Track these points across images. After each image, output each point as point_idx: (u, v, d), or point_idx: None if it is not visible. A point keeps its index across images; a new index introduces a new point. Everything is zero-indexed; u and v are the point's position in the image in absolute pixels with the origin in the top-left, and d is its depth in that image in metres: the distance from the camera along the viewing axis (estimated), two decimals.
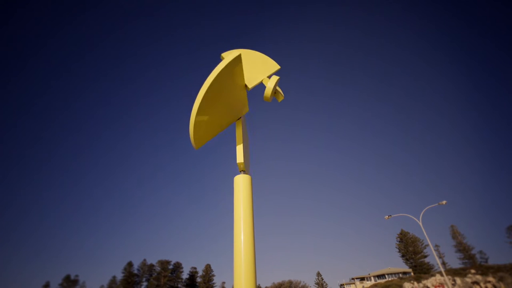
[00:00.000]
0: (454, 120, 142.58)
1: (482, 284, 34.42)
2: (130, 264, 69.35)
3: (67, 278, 67.48)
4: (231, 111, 1.45)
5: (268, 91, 1.43)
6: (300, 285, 78.68)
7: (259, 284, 69.01)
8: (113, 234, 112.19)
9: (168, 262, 71.39)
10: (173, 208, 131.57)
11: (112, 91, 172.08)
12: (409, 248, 59.28)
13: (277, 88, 1.50)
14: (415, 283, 39.97)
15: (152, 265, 71.02)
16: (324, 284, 73.86)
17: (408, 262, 58.84)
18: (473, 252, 53.20)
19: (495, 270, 37.32)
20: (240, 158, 1.38)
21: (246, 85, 1.48)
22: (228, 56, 1.21)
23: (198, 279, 73.13)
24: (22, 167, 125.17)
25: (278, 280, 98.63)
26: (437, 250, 57.11)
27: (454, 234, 56.76)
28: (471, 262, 51.18)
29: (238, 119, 1.54)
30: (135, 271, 69.30)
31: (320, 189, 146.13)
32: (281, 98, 1.54)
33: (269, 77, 1.51)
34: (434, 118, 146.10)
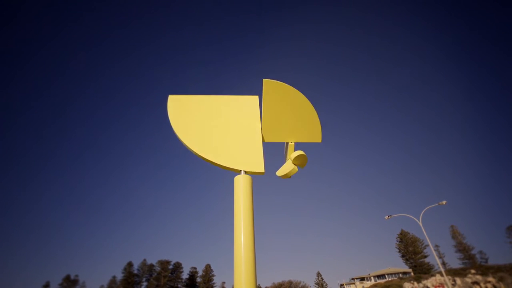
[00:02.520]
0: (454, 120, 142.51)
1: (482, 284, 34.40)
2: (130, 264, 69.32)
3: (67, 278, 67.48)
4: (273, 128, 1.56)
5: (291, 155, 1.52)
6: (300, 285, 78.65)
7: (259, 284, 68.96)
8: (113, 234, 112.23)
9: (168, 262, 71.35)
10: (173, 208, 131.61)
11: (112, 90, 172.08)
12: (409, 248, 59.23)
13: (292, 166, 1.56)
14: (415, 283, 39.96)
15: (152, 265, 70.99)
16: (324, 284, 73.83)
17: (408, 262, 58.80)
18: (473, 252, 53.18)
19: (495, 270, 37.28)
20: (263, 167, 1.41)
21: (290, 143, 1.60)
22: (319, 128, 1.58)
23: (198, 279, 73.10)
24: (22, 166, 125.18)
25: (278, 280, 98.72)
26: (437, 250, 57.12)
27: (454, 234, 56.72)
28: (471, 262, 51.12)
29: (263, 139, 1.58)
30: (135, 271, 69.29)
31: (320, 189, 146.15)
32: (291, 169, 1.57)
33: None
34: (434, 118, 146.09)
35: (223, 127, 1.56)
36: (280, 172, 1.53)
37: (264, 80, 1.50)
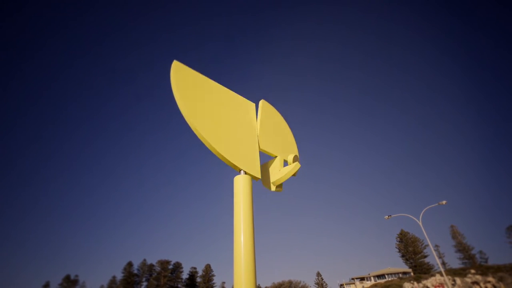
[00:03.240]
0: (454, 120, 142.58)
1: (482, 284, 34.41)
2: (130, 264, 69.32)
3: (67, 278, 67.47)
4: (266, 140, 1.62)
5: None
6: (300, 285, 78.66)
7: (259, 284, 68.92)
8: (113, 234, 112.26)
9: (168, 262, 71.34)
10: (173, 208, 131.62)
11: (113, 90, 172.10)
12: (409, 248, 59.26)
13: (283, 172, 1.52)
14: (415, 283, 39.96)
15: (152, 265, 70.99)
16: (324, 284, 73.84)
17: (408, 262, 58.82)
18: (473, 252, 53.23)
19: (495, 270, 37.28)
20: (259, 173, 1.41)
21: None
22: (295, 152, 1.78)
23: (198, 279, 73.09)
24: (22, 166, 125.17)
25: (278, 280, 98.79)
26: (437, 250, 57.14)
27: (454, 234, 56.72)
28: (471, 262, 51.16)
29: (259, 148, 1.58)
30: (135, 271, 69.32)
31: (320, 189, 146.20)
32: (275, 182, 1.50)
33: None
34: (435, 118, 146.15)
35: (229, 120, 1.45)
36: (280, 173, 1.45)
37: (261, 101, 1.78)
